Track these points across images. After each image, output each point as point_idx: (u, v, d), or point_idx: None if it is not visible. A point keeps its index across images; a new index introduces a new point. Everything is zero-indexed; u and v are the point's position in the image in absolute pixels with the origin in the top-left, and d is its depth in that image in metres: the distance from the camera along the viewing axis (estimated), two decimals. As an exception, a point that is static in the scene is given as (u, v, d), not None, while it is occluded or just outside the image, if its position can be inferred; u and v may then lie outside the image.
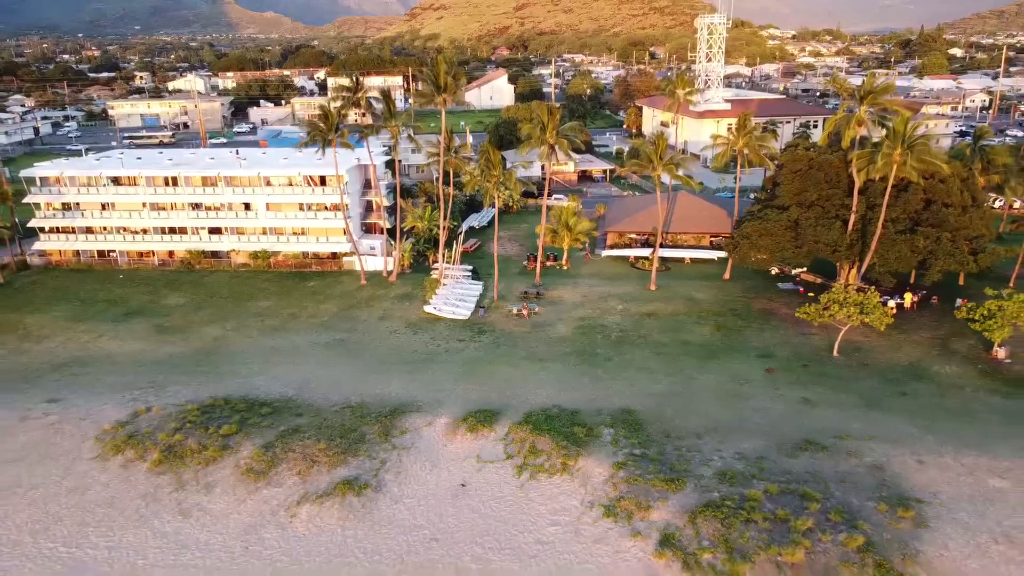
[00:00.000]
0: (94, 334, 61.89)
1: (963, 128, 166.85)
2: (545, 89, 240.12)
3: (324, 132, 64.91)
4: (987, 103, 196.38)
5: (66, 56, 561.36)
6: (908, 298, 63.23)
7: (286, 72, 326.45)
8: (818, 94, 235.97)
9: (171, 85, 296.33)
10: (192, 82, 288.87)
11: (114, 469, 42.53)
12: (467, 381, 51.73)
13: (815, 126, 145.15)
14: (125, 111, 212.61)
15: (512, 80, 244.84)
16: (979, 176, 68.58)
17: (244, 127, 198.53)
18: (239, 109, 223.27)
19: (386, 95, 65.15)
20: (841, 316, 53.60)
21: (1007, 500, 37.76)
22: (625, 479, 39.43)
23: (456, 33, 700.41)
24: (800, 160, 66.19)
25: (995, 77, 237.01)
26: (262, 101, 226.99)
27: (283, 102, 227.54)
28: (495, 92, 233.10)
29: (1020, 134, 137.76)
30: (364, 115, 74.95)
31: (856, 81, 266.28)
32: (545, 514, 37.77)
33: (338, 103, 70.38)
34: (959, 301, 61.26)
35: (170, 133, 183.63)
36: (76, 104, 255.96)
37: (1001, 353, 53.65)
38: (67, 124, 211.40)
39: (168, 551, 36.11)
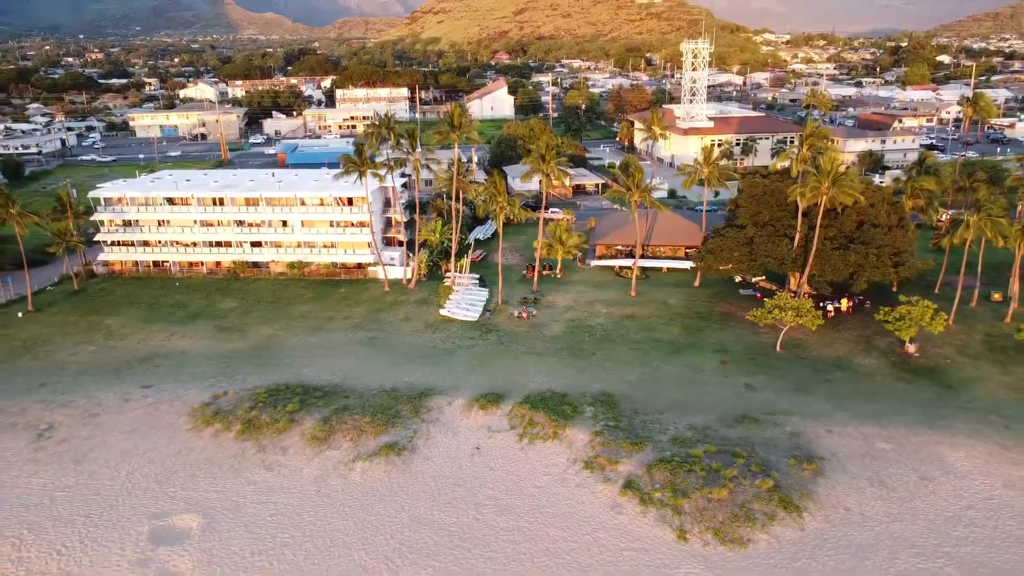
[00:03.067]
0: (166, 333, 74.24)
1: (933, 141, 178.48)
2: (544, 98, 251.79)
3: (358, 165, 77.53)
4: (960, 115, 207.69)
5: (70, 59, 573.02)
6: (844, 303, 75.60)
7: (293, 80, 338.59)
8: (804, 104, 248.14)
9: (182, 94, 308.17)
10: (203, 90, 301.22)
11: (207, 437, 55.02)
12: (478, 371, 64.19)
13: (792, 142, 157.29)
14: (145, 122, 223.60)
15: (512, 91, 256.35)
16: (907, 199, 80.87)
17: (259, 138, 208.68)
18: (252, 120, 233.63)
19: (411, 134, 77.92)
20: (782, 318, 66.03)
21: (887, 457, 50.36)
22: (601, 443, 51.95)
23: (456, 37, 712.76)
24: (756, 186, 78.68)
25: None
26: (274, 112, 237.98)
27: (294, 113, 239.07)
28: (496, 103, 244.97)
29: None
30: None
31: (844, 91, 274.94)
32: (540, 468, 50.30)
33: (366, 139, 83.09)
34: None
35: (38, 149, 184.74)
36: (94, 113, 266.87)
37: (911, 348, 66.13)
38: (90, 135, 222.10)
39: (260, 493, 48.64)
